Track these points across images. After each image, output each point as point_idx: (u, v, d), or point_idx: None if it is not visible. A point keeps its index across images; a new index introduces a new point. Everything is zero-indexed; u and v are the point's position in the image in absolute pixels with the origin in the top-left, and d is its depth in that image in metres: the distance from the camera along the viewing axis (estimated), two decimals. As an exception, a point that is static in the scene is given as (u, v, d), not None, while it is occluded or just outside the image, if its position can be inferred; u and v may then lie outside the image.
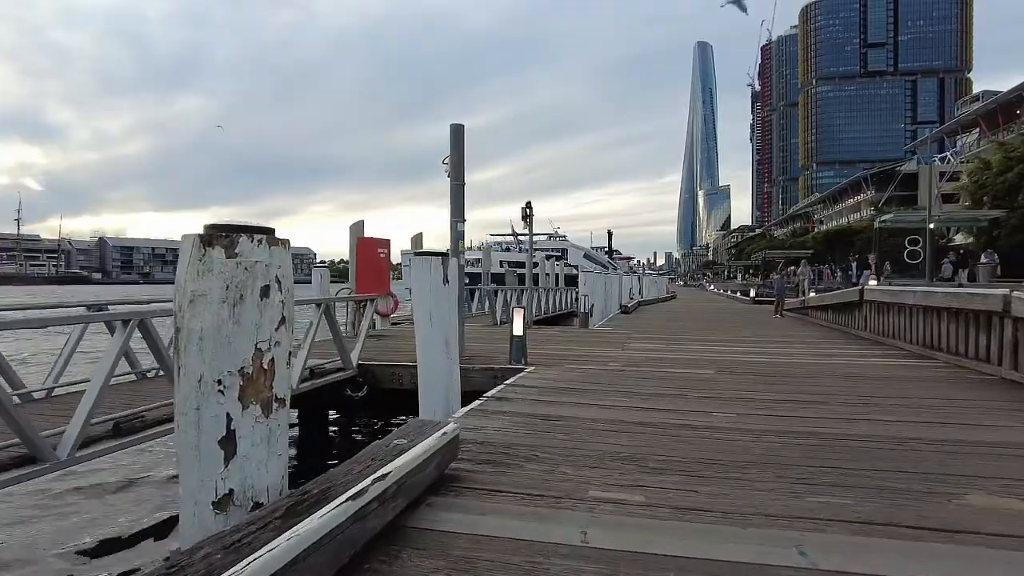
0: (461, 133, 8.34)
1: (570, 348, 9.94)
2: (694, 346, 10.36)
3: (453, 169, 8.27)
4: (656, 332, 13.36)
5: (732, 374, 7.18)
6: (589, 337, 12.02)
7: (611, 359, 8.52)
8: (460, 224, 8.32)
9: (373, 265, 11.76)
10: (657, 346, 10.36)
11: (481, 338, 11.39)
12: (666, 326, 15.19)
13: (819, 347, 10.40)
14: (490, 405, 5.18)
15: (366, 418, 9.54)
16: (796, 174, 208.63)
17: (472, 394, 6.65)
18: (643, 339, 11.63)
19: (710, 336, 12.37)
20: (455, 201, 8.31)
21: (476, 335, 11.85)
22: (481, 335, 12.03)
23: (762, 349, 9.96)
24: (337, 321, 7.50)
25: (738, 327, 14.86)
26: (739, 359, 8.61)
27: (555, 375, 6.97)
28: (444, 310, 5.48)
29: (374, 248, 11.77)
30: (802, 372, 7.36)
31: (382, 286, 12.04)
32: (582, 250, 78.82)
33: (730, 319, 18.03)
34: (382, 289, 12.11)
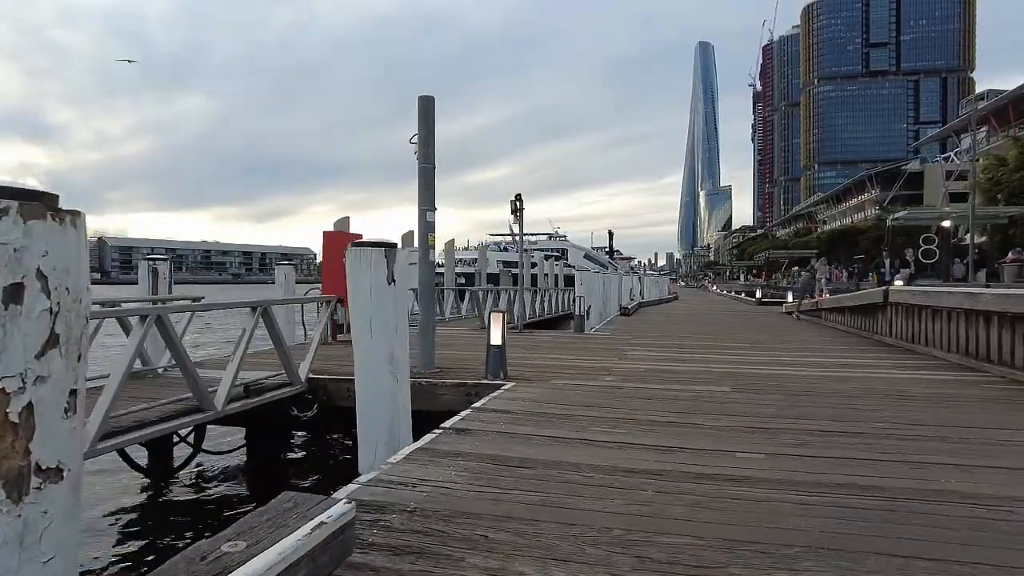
0: (431, 106, 7.15)
1: (561, 357, 8.74)
2: (702, 354, 9.15)
3: (421, 148, 7.08)
4: (658, 337, 12.16)
5: (751, 392, 5.98)
6: (584, 343, 10.81)
7: (607, 371, 7.31)
8: (430, 213, 7.12)
9: (342, 263, 10.54)
10: (660, 354, 9.15)
11: (464, 344, 10.19)
12: (669, 330, 13.98)
13: (843, 355, 9.19)
14: (445, 441, 3.99)
15: (335, 437, 8.39)
16: (798, 174, 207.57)
17: (440, 416, 5.49)
18: (644, 346, 10.43)
19: (718, 342, 11.16)
20: (424, 186, 7.12)
21: (459, 340, 10.64)
22: (465, 340, 10.82)
23: (779, 358, 8.75)
24: (278, 327, 6.29)
25: (748, 331, 13.66)
26: (755, 371, 7.40)
27: (537, 394, 5.76)
28: (389, 317, 4.29)
29: (342, 244, 10.52)
30: (834, 389, 6.15)
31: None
32: (582, 250, 77.71)
33: (738, 322, 16.82)
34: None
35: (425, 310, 7.18)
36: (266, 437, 7.68)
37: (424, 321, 7.15)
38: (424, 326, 7.12)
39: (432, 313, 7.24)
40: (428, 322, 7.12)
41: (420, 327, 7.16)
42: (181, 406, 5.49)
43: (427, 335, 7.08)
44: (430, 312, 7.18)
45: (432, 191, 7.13)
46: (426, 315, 7.16)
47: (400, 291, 4.42)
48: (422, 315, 7.22)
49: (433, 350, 7.13)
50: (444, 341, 10.78)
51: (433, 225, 7.16)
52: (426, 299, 7.20)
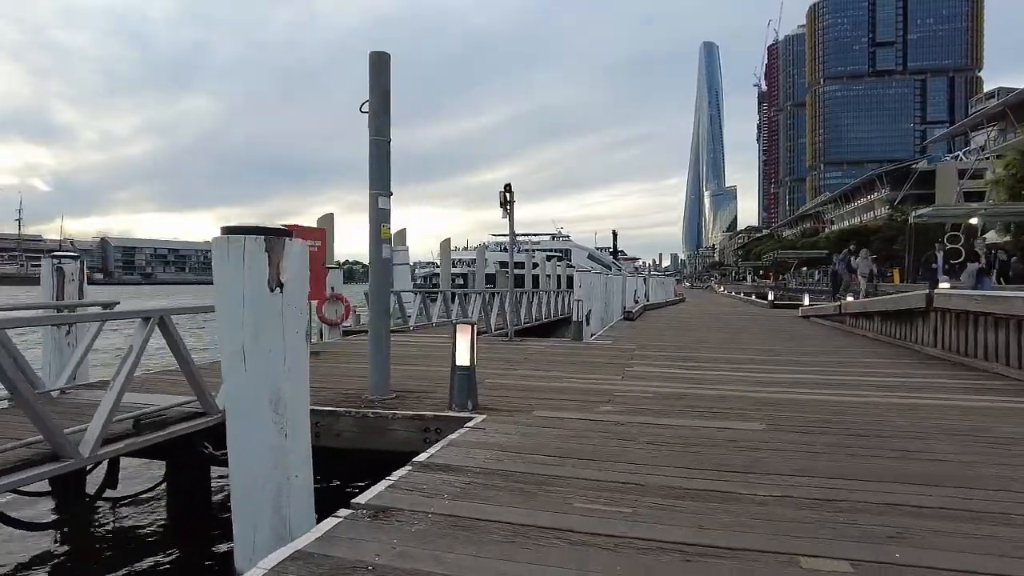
0: (384, 65, 5.71)
1: (552, 374, 7.29)
2: (720, 370, 7.70)
3: (373, 117, 5.65)
4: (667, 347, 10.70)
5: (793, 431, 4.53)
6: (581, 355, 9.36)
7: (605, 396, 5.86)
8: (383, 199, 5.69)
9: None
10: (670, 371, 7.69)
11: (444, 355, 8.77)
12: (679, 338, 12.52)
13: (887, 372, 7.73)
14: (346, 537, 2.55)
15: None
16: (803, 175, 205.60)
17: (390, 459, 4.12)
18: (651, 358, 8.97)
19: (736, 353, 9.70)
20: (377, 163, 5.69)
21: (440, 351, 9.21)
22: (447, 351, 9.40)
23: (815, 377, 7.28)
24: (181, 342, 4.85)
25: (767, 339, 12.19)
26: (790, 396, 5.95)
27: (512, 435, 4.33)
28: (272, 340, 2.84)
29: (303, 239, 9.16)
30: (898, 426, 4.70)
31: (313, 288, 9.41)
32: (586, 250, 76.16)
33: (754, 328, 15.33)
34: (313, 292, 9.49)
35: (377, 321, 5.75)
36: (187, 475, 6.26)
37: (375, 335, 5.73)
38: (376, 341, 5.70)
39: (385, 325, 5.81)
40: (380, 336, 5.69)
41: (371, 342, 5.73)
42: (40, 450, 4.09)
43: (379, 352, 5.65)
44: (382, 324, 5.76)
45: (386, 170, 5.69)
46: (377, 327, 5.73)
47: (293, 301, 2.97)
48: (372, 328, 5.79)
49: (387, 370, 5.70)
50: (423, 352, 9.37)
51: (387, 213, 5.73)
52: (378, 307, 5.77)
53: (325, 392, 5.95)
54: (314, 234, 9.42)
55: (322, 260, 9.54)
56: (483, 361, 8.44)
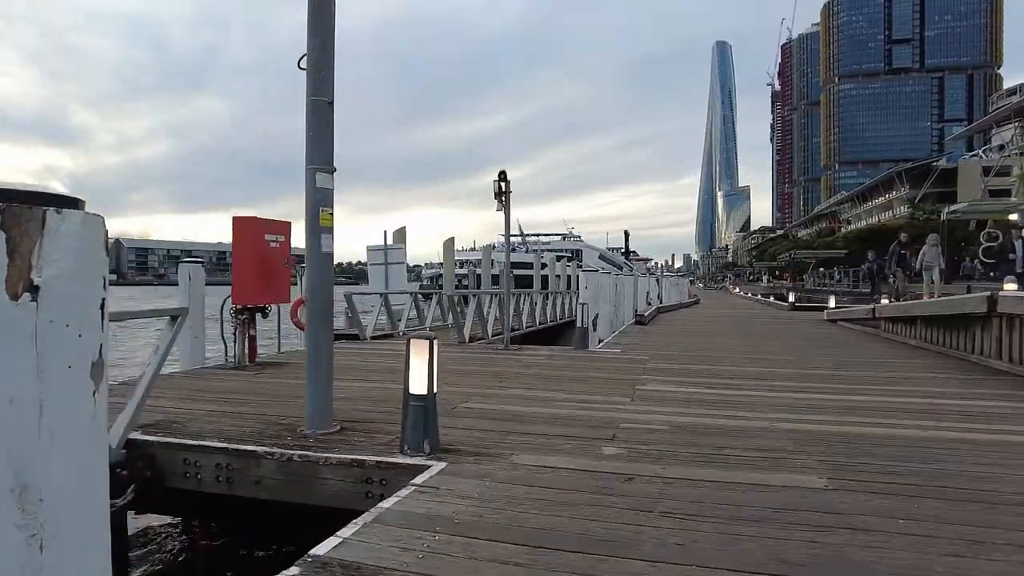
0: (328, 10, 4.46)
1: (545, 396, 6.00)
2: (748, 389, 6.38)
3: (312, 72, 4.41)
4: (684, 357, 9.39)
5: (872, 491, 3.22)
6: (584, 368, 8.07)
7: (609, 431, 4.57)
8: (322, 175, 4.44)
9: (257, 259, 7.91)
10: (689, 390, 6.38)
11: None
12: (696, 345, 11.19)
13: (954, 392, 6.37)
14: None
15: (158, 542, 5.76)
16: (818, 174, 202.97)
17: (318, 517, 2.95)
18: (666, 373, 7.67)
19: (764, 365, 8.38)
20: (315, 131, 4.44)
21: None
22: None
23: (870, 399, 5.94)
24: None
25: (796, 347, 10.84)
26: (846, 429, 4.62)
27: (470, 501, 3.05)
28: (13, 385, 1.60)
29: (257, 232, 7.91)
30: (1018, 490, 3.39)
31: (273, 289, 8.19)
32: (597, 250, 74.82)
33: (777, 333, 13.96)
34: (273, 294, 8.28)
35: (315, 335, 4.49)
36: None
37: (313, 352, 4.47)
38: (314, 361, 4.44)
39: (325, 340, 4.53)
40: (319, 355, 4.44)
41: (308, 362, 4.48)
42: None
43: (318, 376, 4.40)
44: (322, 339, 4.49)
45: (328, 140, 4.44)
46: (316, 343, 4.48)
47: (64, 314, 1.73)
48: (309, 343, 4.53)
49: (328, 397, 4.44)
50: (401, 363, 8.07)
51: (329, 195, 4.48)
52: (316, 316, 4.51)
53: (250, 421, 4.71)
54: (277, 227, 8.22)
55: (286, 258, 8.33)
56: (469, 376, 7.21)
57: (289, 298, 8.68)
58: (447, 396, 5.65)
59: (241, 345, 8.29)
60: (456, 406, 5.29)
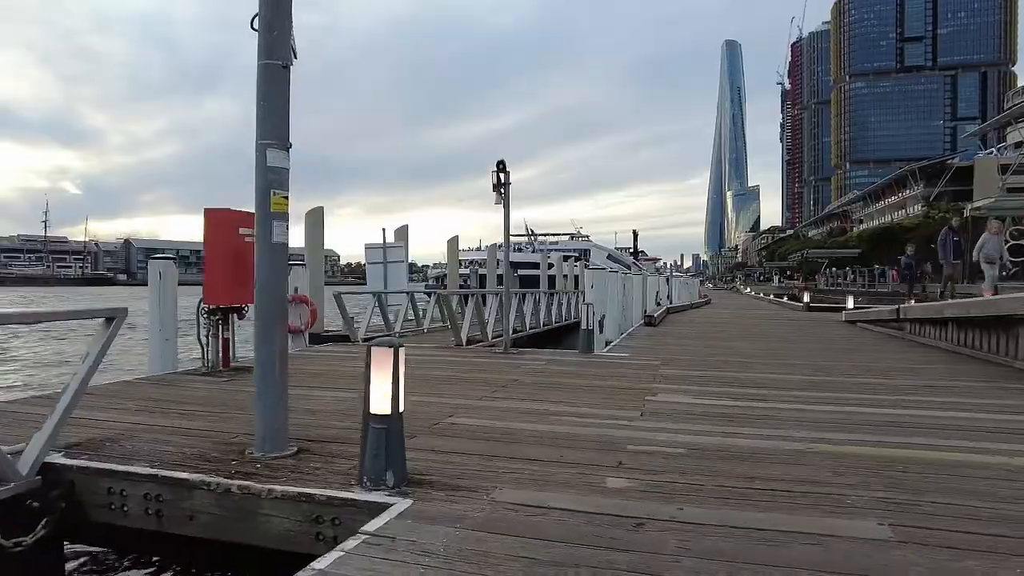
0: (283, -46, 3.78)
1: (542, 408, 5.28)
2: (772, 401, 5.65)
3: (264, 33, 3.73)
4: (698, 362, 8.67)
5: (949, 544, 2.51)
6: (588, 374, 7.36)
7: (614, 455, 3.86)
8: (275, 152, 3.76)
9: (231, 255, 7.26)
10: (706, 401, 5.66)
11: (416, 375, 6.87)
12: (710, 349, 10.45)
13: (1020, 407, 5.63)
14: None
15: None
16: (828, 174, 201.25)
17: (272, 562, 2.81)
18: (679, 381, 6.94)
19: (786, 372, 7.62)
20: (268, 101, 3.77)
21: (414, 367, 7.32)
22: (422, 367, 7.48)
23: (917, 412, 5.19)
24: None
25: (819, 351, 10.07)
26: (896, 452, 3.89)
27: (434, 560, 2.37)
28: None
29: (231, 226, 7.26)
30: None
31: (249, 288, 7.52)
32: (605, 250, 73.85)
33: (796, 336, 13.18)
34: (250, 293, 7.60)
35: (264, 339, 3.81)
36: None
37: (262, 363, 3.79)
38: (263, 371, 3.77)
39: (279, 348, 3.85)
40: (270, 363, 3.76)
41: (257, 375, 3.81)
42: None
43: (269, 388, 3.73)
44: (274, 346, 3.81)
45: (282, 110, 3.77)
46: (267, 350, 3.80)
47: None
48: (258, 350, 3.85)
49: (282, 414, 3.76)
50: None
51: (283, 176, 3.80)
52: (266, 318, 3.83)
53: (197, 440, 4.04)
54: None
55: (264, 254, 7.61)
56: (460, 384, 6.50)
57: (300, 297, 8.00)
58: (431, 409, 4.97)
59: (214, 349, 7.65)
60: (439, 421, 4.60)
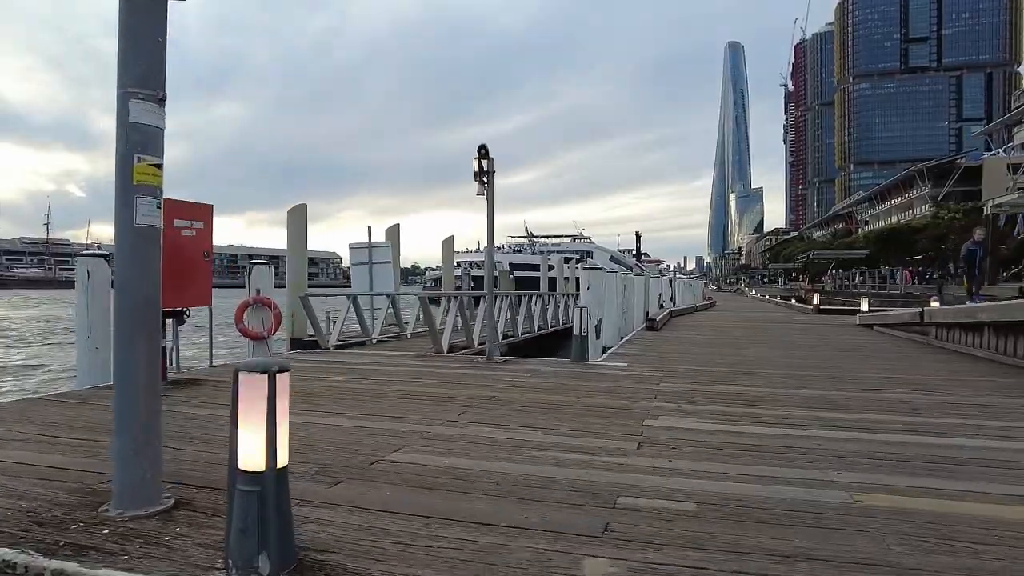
0: None
1: (515, 438, 4.26)
2: (796, 424, 4.63)
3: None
4: (708, 374, 7.65)
5: None
6: (579, 390, 6.34)
7: (598, 513, 2.83)
8: (144, 106, 2.76)
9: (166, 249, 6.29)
10: (718, 426, 4.63)
11: (364, 394, 5.85)
12: (721, 357, 9.43)
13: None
14: None
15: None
16: (832, 175, 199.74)
17: None
18: (685, 398, 5.91)
19: (807, 385, 6.60)
20: (133, 37, 2.77)
21: (362, 384, 6.28)
22: (376, 385, 6.48)
23: (981, 443, 4.16)
24: None
25: (840, 359, 9.05)
26: (984, 510, 2.88)
27: None
28: None
29: (167, 217, 6.27)
30: None
31: (189, 288, 6.53)
32: (608, 252, 73.00)
33: (810, 341, 12.15)
34: (190, 294, 6.61)
35: (126, 357, 2.81)
36: None
37: (122, 384, 2.79)
38: (123, 397, 2.77)
39: (145, 365, 2.84)
40: (132, 387, 2.76)
41: (116, 402, 2.80)
42: None
43: (129, 419, 2.73)
44: (138, 362, 2.81)
45: (155, 52, 2.77)
46: (128, 370, 2.79)
47: None
48: (116, 368, 2.84)
49: (150, 454, 2.76)
50: (345, 383, 6.35)
51: (152, 136, 2.80)
52: (130, 328, 2.82)
53: (40, 488, 3.02)
54: (192, 211, 6.55)
55: (204, 249, 6.68)
56: (423, 403, 5.36)
57: (210, 299, 7.01)
58: (376, 440, 3.97)
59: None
60: (379, 459, 3.60)
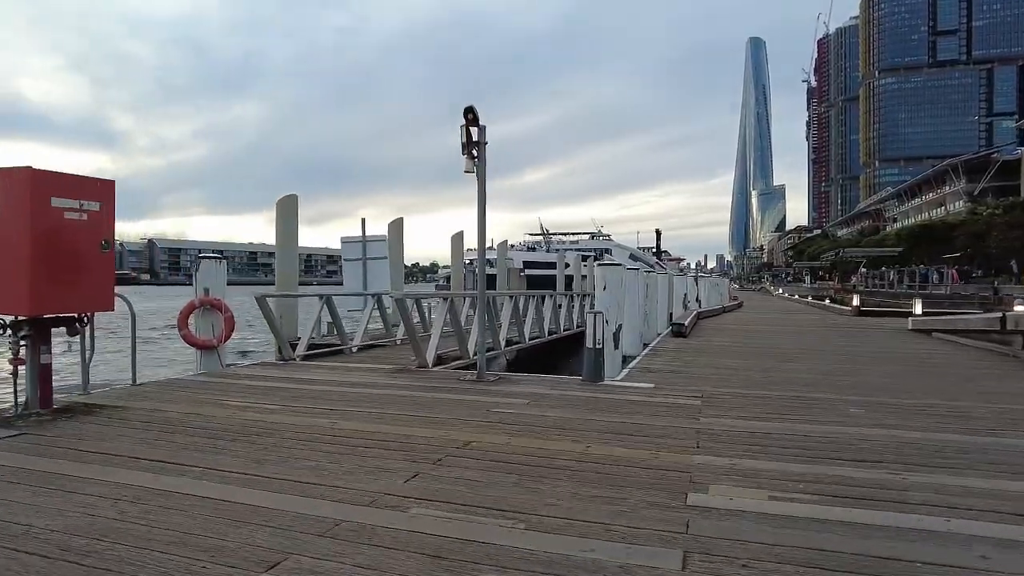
0: None
1: (477, 531, 2.55)
2: (948, 513, 2.92)
3: None
4: (760, 401, 5.89)
5: None
6: (586, 431, 4.62)
7: None
8: None
9: (34, 235, 4.67)
10: (806, 508, 2.93)
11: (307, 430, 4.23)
12: (768, 375, 7.66)
13: None
14: None
15: None
16: (857, 172, 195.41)
17: None
18: (738, 442, 4.18)
19: (905, 416, 4.86)
20: None
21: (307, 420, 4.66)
22: (320, 416, 4.86)
23: None
24: None
25: (922, 378, 7.26)
26: None
27: None
28: None
29: (38, 194, 4.66)
30: None
31: (78, 287, 4.93)
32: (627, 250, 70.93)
33: (871, 352, 10.30)
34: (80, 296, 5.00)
35: None
36: None
37: None
38: None
39: None
40: None
41: None
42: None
43: None
44: None
45: None
46: None
47: None
48: None
49: None
50: (285, 419, 4.65)
51: None
52: None
53: None
54: (82, 188, 4.92)
55: (102, 238, 5.06)
56: (367, 454, 3.32)
57: (112, 302, 5.39)
58: (260, 533, 2.31)
59: (30, 380, 5.07)
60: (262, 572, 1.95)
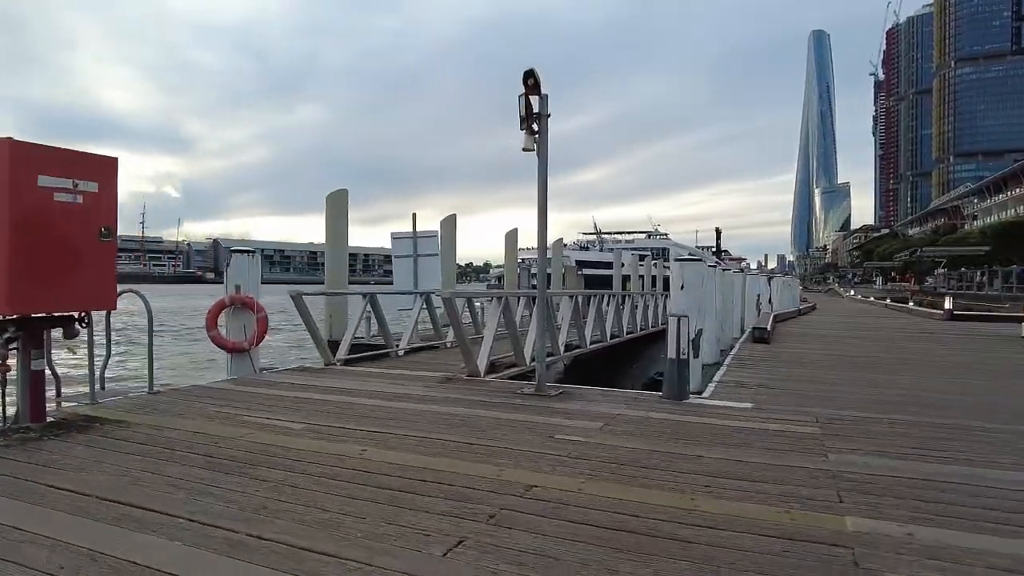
0: None
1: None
2: None
3: None
4: (888, 427, 4.74)
5: None
6: (682, 467, 3.59)
7: None
8: None
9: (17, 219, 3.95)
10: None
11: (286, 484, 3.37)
12: (883, 391, 6.45)
13: None
14: None
15: None
16: (928, 168, 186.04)
17: None
18: (896, 495, 3.12)
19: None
20: None
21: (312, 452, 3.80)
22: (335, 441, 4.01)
23: None
24: None
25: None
26: None
27: None
28: None
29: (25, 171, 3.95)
30: None
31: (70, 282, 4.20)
32: (686, 249, 68.80)
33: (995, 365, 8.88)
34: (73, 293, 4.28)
35: None
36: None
37: None
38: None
39: None
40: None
41: None
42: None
43: None
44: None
45: None
46: None
47: None
48: None
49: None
50: (333, 421, 3.84)
51: None
52: None
53: None
54: (76, 165, 4.17)
55: (101, 223, 4.31)
56: (402, 506, 2.75)
57: (114, 299, 4.65)
58: None
59: (22, 391, 4.38)
60: None
